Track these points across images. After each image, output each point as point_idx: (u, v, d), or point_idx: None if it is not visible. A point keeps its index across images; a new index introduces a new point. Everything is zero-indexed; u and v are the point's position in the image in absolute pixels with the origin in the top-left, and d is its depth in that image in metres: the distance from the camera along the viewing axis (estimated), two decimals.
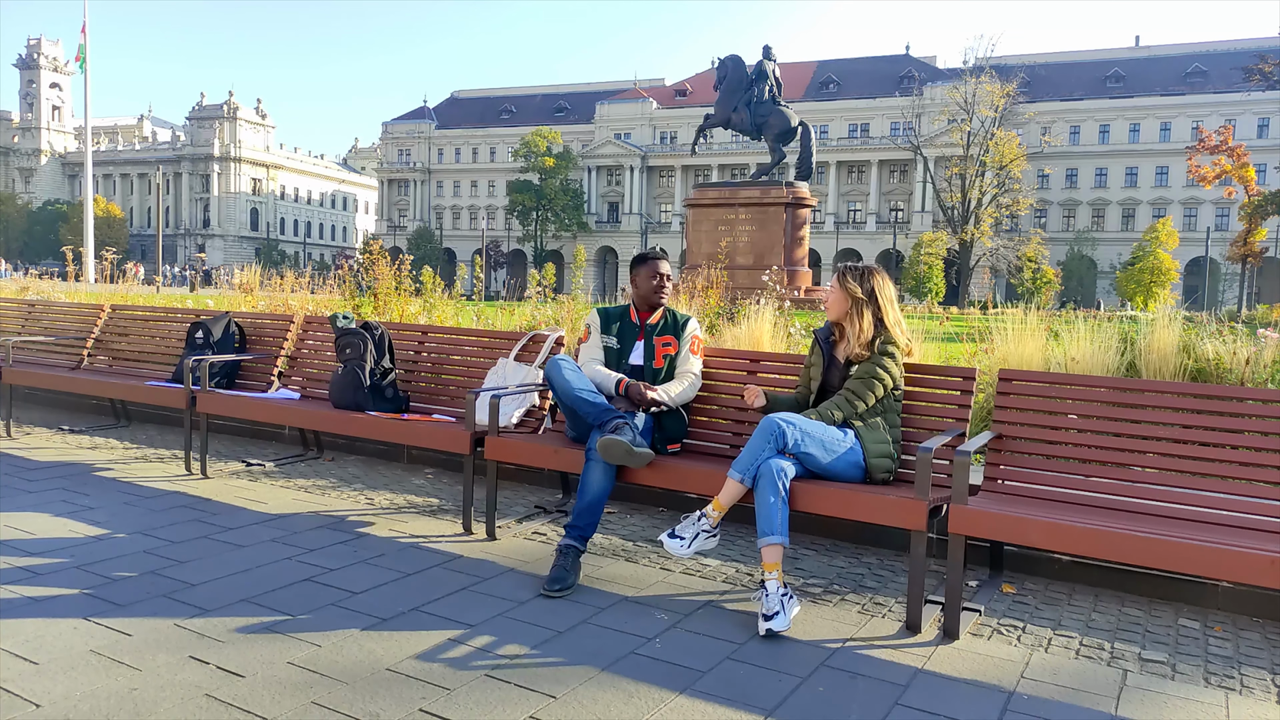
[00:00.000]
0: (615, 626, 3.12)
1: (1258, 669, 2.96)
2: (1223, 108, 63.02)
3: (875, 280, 3.66)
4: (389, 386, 4.99)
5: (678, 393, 3.99)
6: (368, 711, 2.43)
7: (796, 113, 25.96)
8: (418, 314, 8.39)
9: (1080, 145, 67.43)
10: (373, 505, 4.66)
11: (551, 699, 2.55)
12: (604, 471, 3.67)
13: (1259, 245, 45.07)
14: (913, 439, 3.65)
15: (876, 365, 3.56)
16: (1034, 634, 3.20)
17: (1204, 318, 7.57)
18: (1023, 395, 3.71)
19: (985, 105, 56.06)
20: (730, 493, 3.37)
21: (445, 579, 3.55)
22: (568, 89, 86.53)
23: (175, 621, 3.02)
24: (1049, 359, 5.56)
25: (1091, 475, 3.46)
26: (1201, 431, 3.34)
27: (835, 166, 70.70)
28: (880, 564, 3.97)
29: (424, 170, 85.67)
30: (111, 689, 2.51)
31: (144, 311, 7.14)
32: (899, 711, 2.56)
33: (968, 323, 7.71)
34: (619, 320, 4.19)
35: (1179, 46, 71.07)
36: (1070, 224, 67.16)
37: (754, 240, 22.09)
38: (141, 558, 3.64)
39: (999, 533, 3.21)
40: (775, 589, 3.13)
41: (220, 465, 5.46)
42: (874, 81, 72.79)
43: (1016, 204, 57.15)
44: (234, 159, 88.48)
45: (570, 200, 73.56)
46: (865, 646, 3.03)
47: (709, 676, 2.74)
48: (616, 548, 4.06)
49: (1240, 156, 42.85)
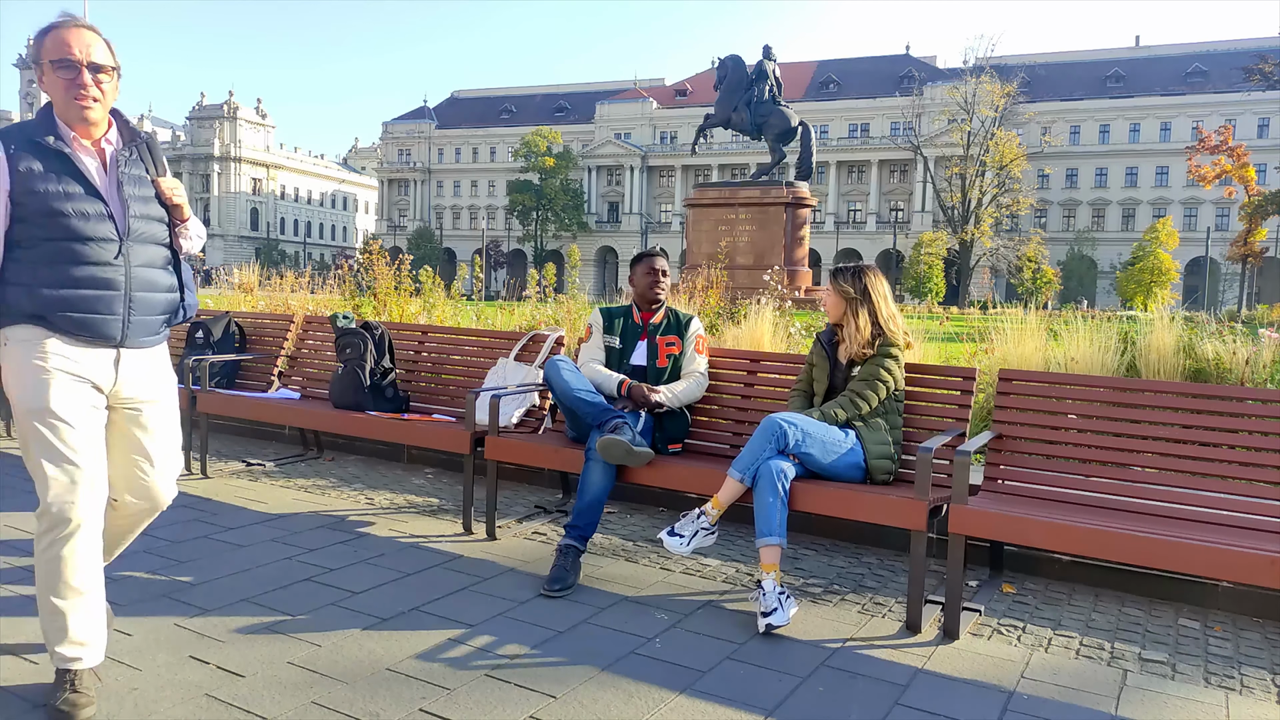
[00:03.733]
0: (615, 626, 3.12)
1: (1258, 669, 2.96)
2: (1223, 108, 63.01)
3: (868, 278, 3.68)
4: (389, 386, 4.99)
5: (682, 391, 3.99)
6: (368, 711, 2.43)
7: (797, 112, 25.94)
8: (418, 314, 8.39)
9: (1080, 145, 67.43)
10: (373, 505, 4.66)
11: (552, 699, 2.55)
12: (604, 471, 3.68)
13: (1259, 245, 45.09)
14: (913, 439, 3.65)
15: (879, 366, 3.57)
16: (1034, 634, 3.20)
17: (1204, 318, 7.57)
18: (1023, 395, 3.71)
19: (985, 105, 56.08)
20: (730, 491, 3.37)
21: (445, 579, 3.55)
22: (568, 89, 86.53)
23: (175, 621, 3.02)
24: (1049, 359, 5.57)
25: (1091, 475, 3.46)
26: (1201, 431, 3.34)
27: (835, 166, 70.70)
28: (880, 564, 3.97)
29: (424, 170, 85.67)
30: (111, 689, 2.51)
31: None
32: (899, 711, 2.56)
33: (968, 323, 7.71)
34: (621, 320, 4.19)
35: (1179, 46, 71.08)
36: (1070, 224, 67.16)
37: (754, 240, 22.07)
38: (141, 558, 3.64)
39: (999, 533, 3.21)
40: (772, 588, 3.13)
41: (220, 465, 5.46)
42: (874, 81, 72.79)
43: (1016, 204, 57.17)
44: (234, 159, 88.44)
45: (570, 200, 73.55)
46: (865, 646, 3.03)
47: (709, 676, 2.74)
48: (616, 548, 4.06)
49: (1240, 156, 42.89)
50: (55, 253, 2.33)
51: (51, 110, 2.39)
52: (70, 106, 2.34)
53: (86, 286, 2.35)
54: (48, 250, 2.32)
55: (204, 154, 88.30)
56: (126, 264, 2.41)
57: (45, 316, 2.33)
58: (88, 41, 2.33)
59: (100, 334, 2.39)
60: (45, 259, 2.32)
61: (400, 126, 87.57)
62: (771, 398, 4.13)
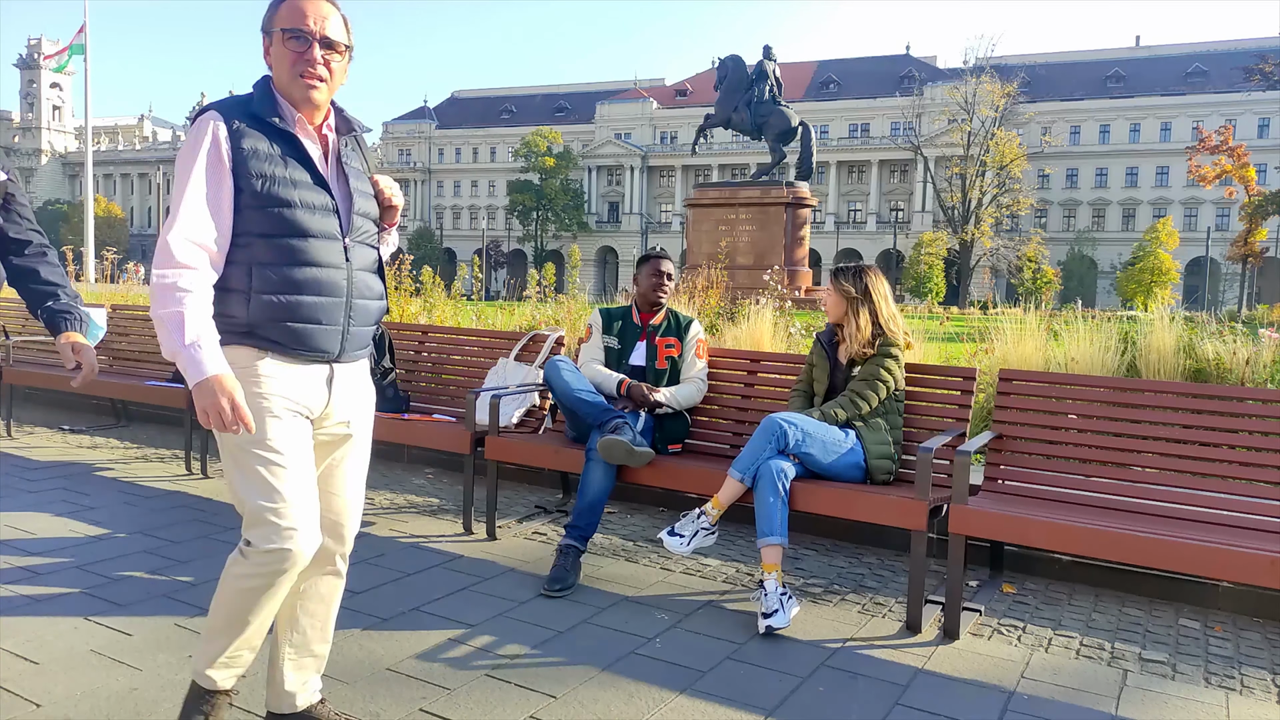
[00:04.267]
0: (615, 626, 3.12)
1: (1258, 669, 2.96)
2: (1223, 108, 63.00)
3: (868, 278, 3.68)
4: (389, 386, 4.99)
5: (681, 394, 4.00)
6: (368, 711, 2.43)
7: (797, 112, 25.93)
8: (418, 314, 8.39)
9: (1080, 145, 67.42)
10: (373, 505, 4.65)
11: (552, 699, 2.55)
12: (604, 471, 3.68)
13: (1259, 245, 45.06)
14: (913, 439, 3.65)
15: (879, 366, 3.57)
16: (1034, 634, 3.20)
17: (1204, 318, 7.57)
18: (1023, 395, 3.71)
19: (985, 105, 56.02)
20: (730, 491, 3.37)
21: (445, 579, 3.55)
22: (568, 89, 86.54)
23: (175, 621, 3.02)
24: (1049, 359, 5.57)
25: (1091, 475, 3.46)
26: (1201, 431, 3.34)
27: (835, 166, 70.70)
28: (880, 564, 3.97)
29: (424, 170, 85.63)
30: (111, 689, 2.51)
31: (144, 311, 7.13)
32: (899, 711, 2.56)
33: (968, 323, 7.71)
34: (621, 320, 4.20)
35: (1179, 46, 71.07)
36: (1070, 224, 67.14)
37: (754, 240, 22.05)
38: (142, 558, 3.64)
39: (999, 533, 3.21)
40: (774, 588, 3.13)
41: (220, 465, 5.46)
42: (874, 81, 72.78)
43: (1017, 204, 57.13)
44: None
45: (570, 200, 73.53)
46: (865, 646, 3.03)
47: (709, 676, 2.74)
48: (616, 548, 4.06)
49: (1240, 156, 42.87)
50: (276, 251, 1.99)
51: (270, 86, 2.08)
52: (295, 84, 2.02)
53: (310, 291, 2.03)
54: (266, 248, 1.99)
55: None
56: (349, 266, 2.10)
57: (259, 330, 2.00)
58: (325, 13, 2.04)
59: (318, 347, 2.07)
60: (263, 258, 1.99)
61: (400, 126, 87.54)
62: (771, 398, 4.13)
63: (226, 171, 1.96)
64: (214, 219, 1.96)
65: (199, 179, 1.95)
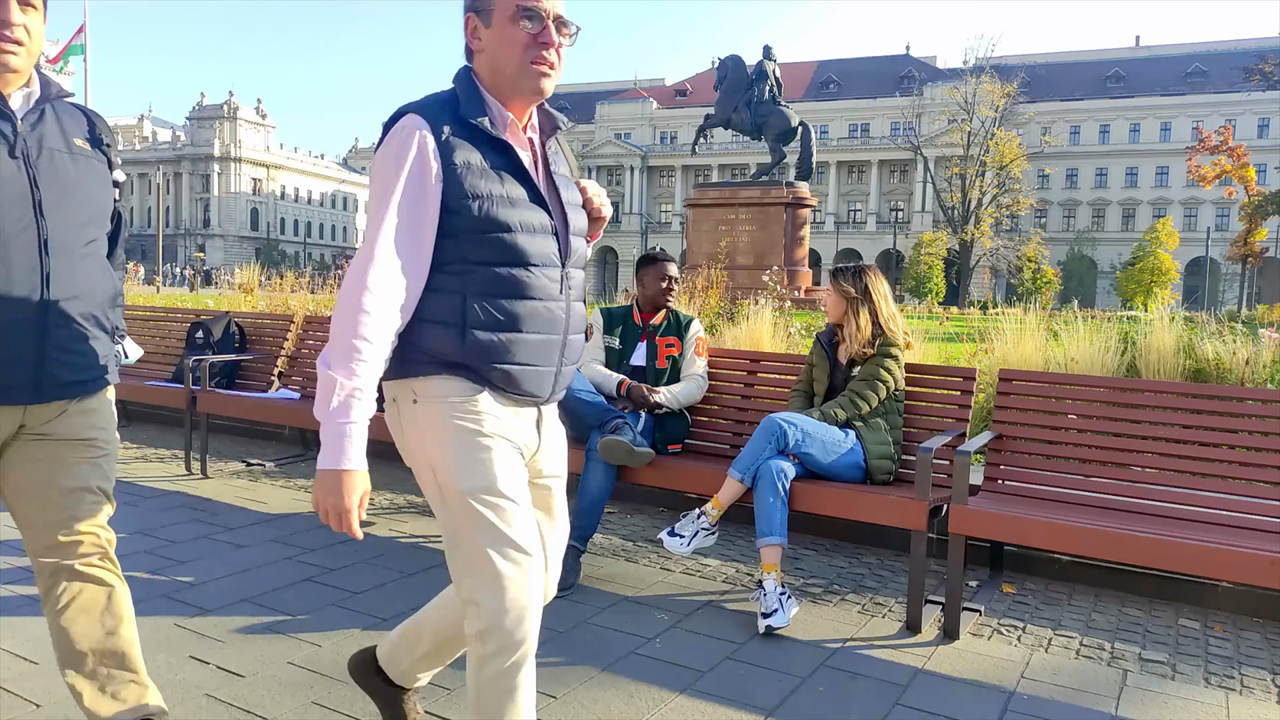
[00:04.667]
0: (615, 626, 3.12)
1: (1258, 669, 2.96)
2: (1223, 108, 63.03)
3: (868, 278, 3.68)
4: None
5: (681, 393, 3.99)
6: (368, 711, 2.43)
7: (797, 112, 25.94)
8: None
9: (1080, 145, 67.46)
10: (373, 505, 4.66)
11: (552, 699, 2.55)
12: (604, 471, 3.68)
13: (1259, 245, 45.08)
14: (913, 439, 3.65)
15: (879, 366, 3.57)
16: (1034, 634, 3.20)
17: (1204, 318, 7.57)
18: (1023, 395, 3.71)
19: (985, 105, 56.02)
20: (730, 492, 3.37)
21: (446, 579, 3.54)
22: (568, 89, 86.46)
23: (175, 621, 3.03)
24: (1049, 359, 5.57)
25: (1091, 475, 3.46)
26: (1201, 431, 3.34)
27: (835, 166, 70.72)
28: (880, 564, 3.97)
29: None
30: None
31: (144, 311, 7.13)
32: (899, 711, 2.56)
33: (968, 323, 7.72)
34: (621, 321, 4.19)
35: (1179, 46, 71.13)
36: (1070, 224, 67.17)
37: (754, 240, 22.06)
38: (141, 558, 3.64)
39: (999, 533, 3.22)
40: (773, 588, 3.13)
41: (220, 465, 5.47)
42: (874, 81, 72.80)
43: (1016, 204, 57.12)
44: (234, 159, 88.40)
45: None
46: (865, 646, 3.03)
47: (709, 676, 2.74)
48: (616, 548, 4.06)
49: (1240, 156, 42.89)
50: (495, 282, 1.70)
51: (475, 81, 1.75)
52: (526, 74, 1.70)
53: (530, 328, 1.74)
54: (484, 278, 1.70)
55: (204, 154, 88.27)
56: (567, 297, 1.81)
57: (474, 367, 1.71)
58: None
59: (531, 390, 1.78)
60: (480, 289, 1.70)
61: None
62: (771, 398, 4.13)
63: (434, 194, 1.66)
64: (414, 254, 1.68)
65: (400, 204, 1.65)
